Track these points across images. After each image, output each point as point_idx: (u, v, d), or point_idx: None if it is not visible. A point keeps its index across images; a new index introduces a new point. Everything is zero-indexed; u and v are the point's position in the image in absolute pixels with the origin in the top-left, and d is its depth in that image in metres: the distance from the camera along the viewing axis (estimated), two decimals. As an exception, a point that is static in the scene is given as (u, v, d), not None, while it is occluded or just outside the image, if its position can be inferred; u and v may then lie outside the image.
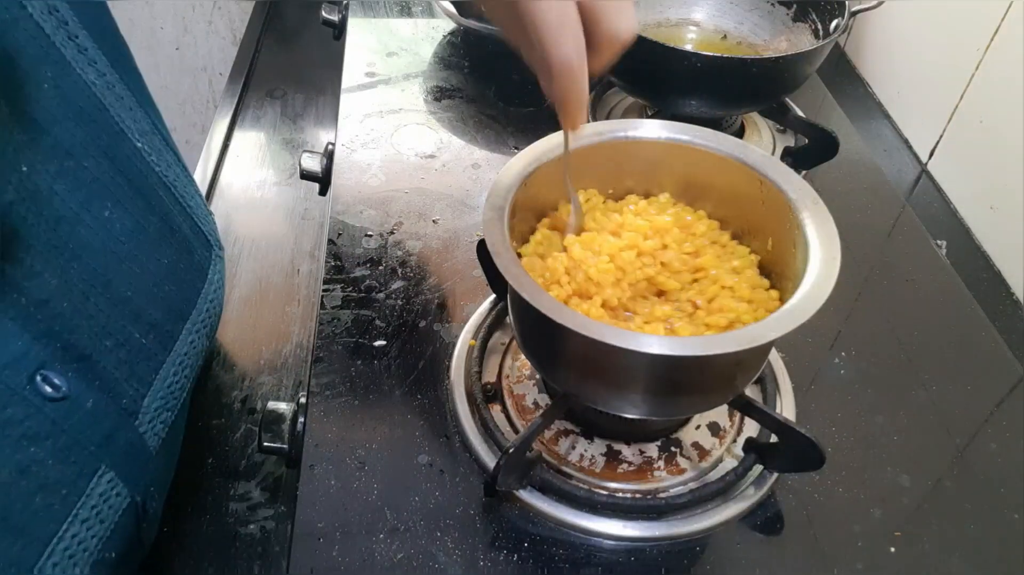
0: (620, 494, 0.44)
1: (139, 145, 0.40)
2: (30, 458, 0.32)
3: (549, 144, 0.45)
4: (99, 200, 0.36)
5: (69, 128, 0.34)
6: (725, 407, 0.50)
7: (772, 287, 0.44)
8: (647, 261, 0.43)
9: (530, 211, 0.46)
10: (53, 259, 0.33)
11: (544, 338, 0.41)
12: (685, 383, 0.40)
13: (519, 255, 0.43)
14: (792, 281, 0.41)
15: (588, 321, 0.35)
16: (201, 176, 0.78)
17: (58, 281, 0.33)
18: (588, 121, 0.39)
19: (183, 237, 0.44)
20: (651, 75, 0.66)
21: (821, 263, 0.38)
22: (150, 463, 0.40)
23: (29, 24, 0.33)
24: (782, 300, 0.42)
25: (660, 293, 0.44)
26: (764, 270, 0.45)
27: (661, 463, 0.47)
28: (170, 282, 0.42)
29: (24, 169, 0.31)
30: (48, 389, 0.33)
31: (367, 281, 0.57)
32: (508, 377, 0.51)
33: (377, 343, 0.53)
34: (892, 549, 0.43)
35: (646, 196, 0.49)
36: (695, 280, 0.44)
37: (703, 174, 0.47)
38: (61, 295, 0.34)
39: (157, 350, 0.41)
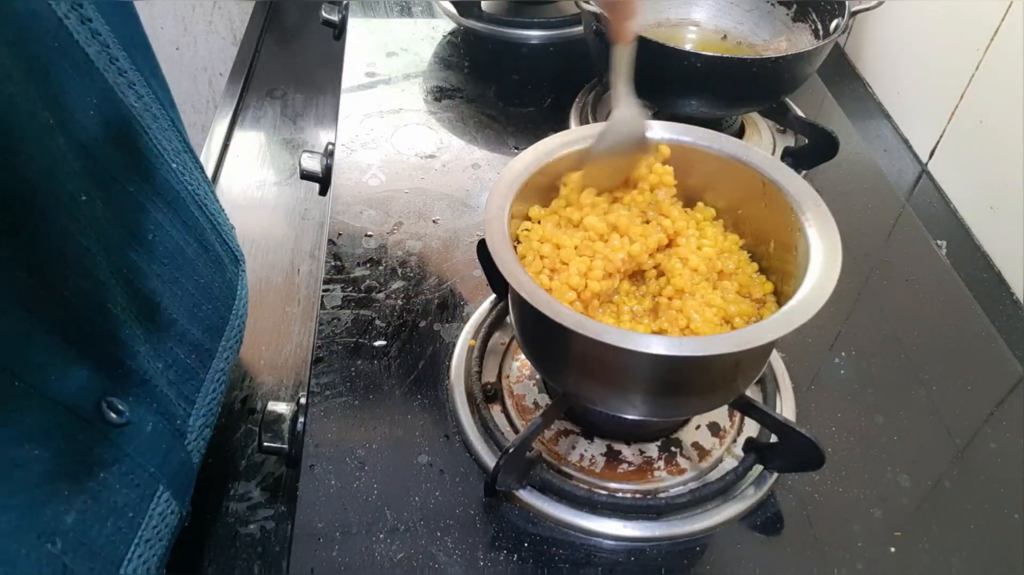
0: (620, 494, 0.45)
1: (174, 166, 0.41)
2: (100, 484, 0.33)
3: (551, 145, 0.45)
4: (143, 224, 0.37)
5: (113, 154, 0.35)
6: (725, 407, 0.50)
7: (774, 290, 0.44)
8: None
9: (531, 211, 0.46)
10: (114, 286, 0.34)
11: (544, 338, 0.41)
12: (685, 384, 0.40)
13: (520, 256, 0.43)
14: (793, 282, 0.41)
15: (588, 321, 0.35)
16: (201, 176, 0.78)
17: (118, 309, 0.34)
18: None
19: (216, 255, 0.44)
20: (651, 75, 0.65)
21: (822, 265, 0.38)
22: (193, 479, 0.41)
23: (76, 52, 0.33)
24: (782, 302, 0.42)
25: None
26: (765, 271, 0.45)
27: (661, 463, 0.47)
28: (207, 301, 0.43)
29: (83, 198, 0.31)
30: (113, 415, 0.34)
31: (367, 281, 0.57)
32: (508, 377, 0.51)
33: (377, 343, 0.53)
34: (892, 549, 0.43)
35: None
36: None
37: (705, 175, 0.47)
38: (122, 322, 0.34)
39: (199, 369, 0.42)
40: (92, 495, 0.33)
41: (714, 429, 0.49)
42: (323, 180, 0.68)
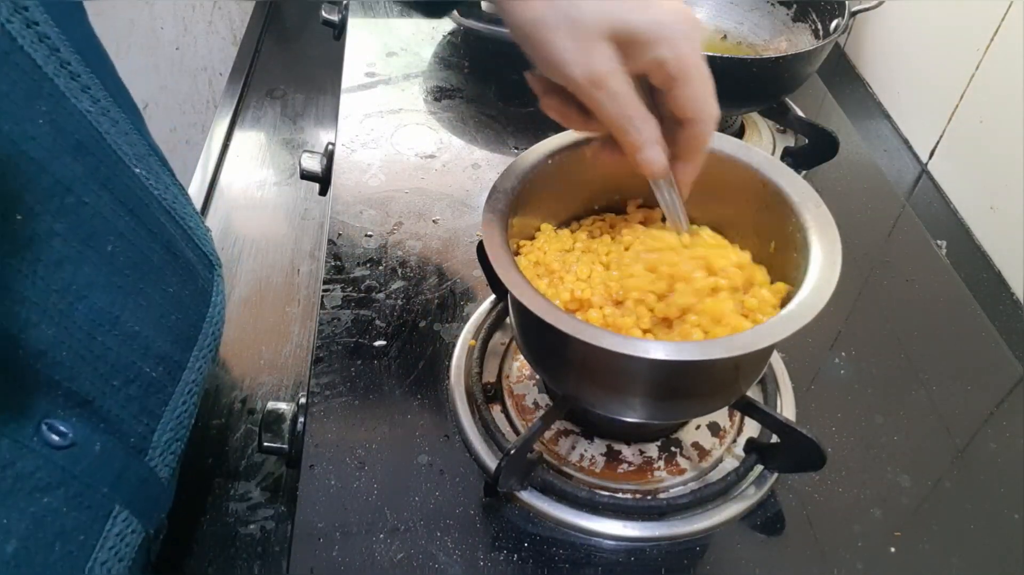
0: (620, 494, 0.44)
1: (137, 171, 0.39)
2: (44, 508, 0.32)
3: (550, 145, 0.45)
4: (101, 235, 0.35)
5: (67, 163, 0.33)
6: (725, 407, 0.50)
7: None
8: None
9: (531, 213, 0.46)
10: (53, 305, 0.32)
11: (544, 343, 0.41)
12: (685, 387, 0.40)
13: (518, 254, 0.43)
14: (793, 284, 0.41)
15: (587, 327, 0.35)
16: (201, 176, 0.78)
17: (56, 329, 0.32)
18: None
19: (186, 262, 0.43)
20: (651, 75, 0.65)
21: (822, 267, 0.38)
22: (162, 495, 0.40)
23: (20, 57, 0.31)
24: (782, 303, 0.42)
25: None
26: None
27: (661, 463, 0.47)
28: (177, 311, 0.41)
29: (19, 218, 0.30)
30: (55, 438, 0.33)
31: (367, 281, 0.57)
32: (508, 377, 0.51)
33: (377, 343, 0.53)
34: (892, 549, 0.43)
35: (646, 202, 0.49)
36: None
37: (705, 176, 0.47)
38: (60, 342, 0.33)
39: (166, 382, 0.40)
40: (35, 521, 0.31)
41: (714, 429, 0.49)
42: (323, 180, 0.68)
